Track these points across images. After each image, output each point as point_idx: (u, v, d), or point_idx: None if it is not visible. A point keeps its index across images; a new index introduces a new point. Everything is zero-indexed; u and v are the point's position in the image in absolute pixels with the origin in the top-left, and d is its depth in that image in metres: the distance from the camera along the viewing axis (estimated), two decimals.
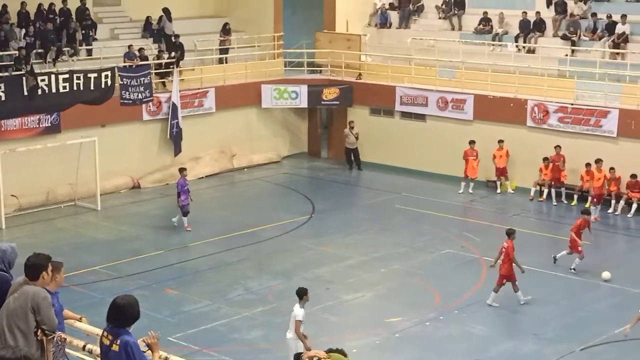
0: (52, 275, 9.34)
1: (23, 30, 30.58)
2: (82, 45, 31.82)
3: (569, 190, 29.50)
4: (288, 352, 16.49)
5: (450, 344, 19.01)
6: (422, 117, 33.33)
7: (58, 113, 29.00)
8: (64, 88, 28.97)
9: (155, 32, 34.05)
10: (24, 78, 28.06)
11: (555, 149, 29.48)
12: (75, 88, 29.26)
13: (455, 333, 19.51)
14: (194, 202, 27.02)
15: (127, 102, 30.75)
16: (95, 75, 29.76)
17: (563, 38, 33.10)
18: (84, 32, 32.00)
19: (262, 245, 25.52)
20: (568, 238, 23.23)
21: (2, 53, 29.51)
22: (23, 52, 28.84)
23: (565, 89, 30.28)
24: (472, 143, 30.85)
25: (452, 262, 24.05)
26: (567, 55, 32.15)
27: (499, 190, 30.91)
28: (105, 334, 8.63)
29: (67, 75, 29.11)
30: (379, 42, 37.37)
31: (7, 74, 28.21)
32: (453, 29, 36.43)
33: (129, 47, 31.86)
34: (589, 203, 28.33)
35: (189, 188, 26.70)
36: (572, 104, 29.90)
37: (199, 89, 33.16)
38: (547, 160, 29.62)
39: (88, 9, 32.84)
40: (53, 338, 9.19)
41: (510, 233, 21.30)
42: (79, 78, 29.33)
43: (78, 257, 23.81)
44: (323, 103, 35.19)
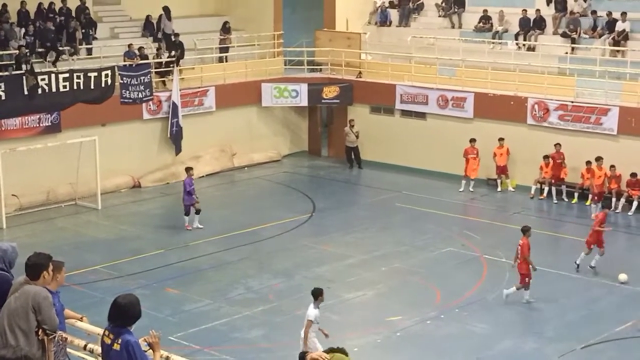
0: (53, 275, 9.34)
1: (23, 30, 30.57)
2: (82, 45, 31.80)
3: (570, 188, 29.49)
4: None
5: (451, 343, 19.00)
6: (422, 115, 33.31)
7: (58, 112, 28.99)
8: (64, 87, 28.98)
9: (155, 31, 34.05)
10: (24, 77, 28.06)
11: (556, 147, 29.47)
12: (76, 87, 29.27)
13: (456, 332, 19.50)
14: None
15: (127, 101, 30.75)
16: (96, 75, 29.77)
17: (563, 36, 33.09)
18: (84, 31, 31.98)
19: (262, 244, 25.51)
20: (569, 236, 23.14)
21: (2, 52, 29.49)
22: (24, 50, 28.81)
23: (566, 87, 30.26)
24: (472, 141, 30.83)
25: (452, 260, 24.04)
26: (567, 53, 32.14)
27: (500, 189, 30.90)
28: (107, 333, 8.63)
29: (67, 75, 29.12)
30: (379, 40, 37.36)
31: (7, 74, 28.20)
32: (453, 27, 36.42)
33: (129, 46, 31.84)
34: (590, 201, 28.35)
35: (194, 188, 26.61)
36: (572, 102, 29.88)
37: (199, 88, 33.14)
38: (547, 158, 29.62)
39: (88, 8, 32.83)
40: (54, 337, 9.19)
41: (525, 230, 21.00)
42: (79, 77, 29.34)
43: (79, 256, 23.80)
44: (323, 101, 35.17)
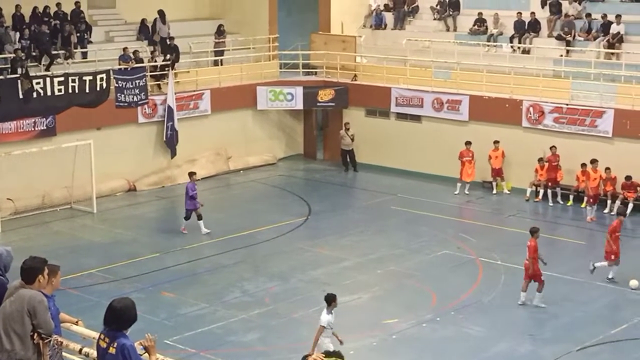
0: (48, 279, 9.34)
1: (18, 34, 30.53)
2: (77, 48, 31.77)
3: (565, 191, 29.53)
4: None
5: (447, 345, 19.00)
6: (417, 118, 33.34)
7: (53, 116, 28.96)
8: (59, 91, 28.94)
9: (150, 34, 34.04)
10: (19, 81, 28.04)
11: (551, 150, 29.50)
12: (71, 91, 29.23)
13: (452, 334, 19.50)
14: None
15: (122, 104, 30.73)
16: (91, 78, 29.75)
17: (558, 38, 33.14)
18: (79, 34, 31.96)
19: (258, 248, 25.50)
20: (564, 239, 23.14)
21: None
22: (20, 54, 28.77)
23: (561, 90, 30.29)
24: (468, 144, 30.85)
25: (448, 263, 24.05)
26: (562, 56, 32.17)
27: (495, 191, 30.91)
28: (102, 337, 8.63)
29: (62, 78, 29.09)
30: (374, 43, 37.37)
31: (2, 77, 28.16)
32: (448, 30, 36.46)
33: (124, 49, 31.80)
34: (585, 203, 28.37)
35: (197, 192, 26.44)
36: (567, 105, 29.92)
37: (195, 91, 33.13)
38: (542, 161, 29.65)
39: (83, 12, 32.82)
40: (49, 341, 9.19)
41: (534, 232, 20.85)
42: (74, 81, 29.32)
43: (74, 260, 23.77)
44: (318, 105, 35.17)
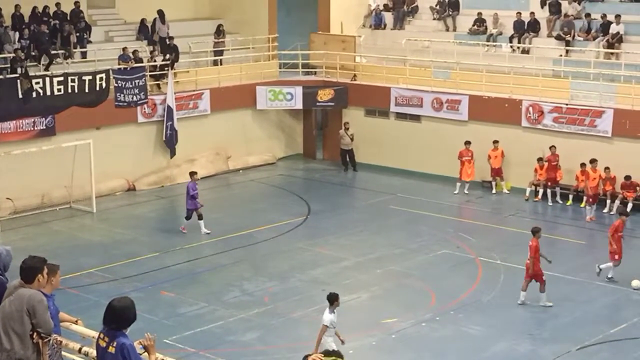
0: (47, 278, 9.34)
1: (17, 34, 30.53)
2: (76, 48, 31.78)
3: (564, 190, 29.53)
4: None
5: (446, 345, 19.01)
6: (417, 118, 33.34)
7: (53, 116, 28.96)
8: (59, 91, 28.93)
9: (150, 34, 34.06)
10: (19, 81, 28.03)
11: (551, 149, 29.51)
12: (70, 91, 29.22)
13: (451, 334, 19.51)
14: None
15: (121, 104, 30.73)
16: (90, 78, 29.74)
17: (557, 38, 33.15)
18: (78, 34, 31.96)
19: (257, 247, 25.51)
20: (564, 239, 23.12)
21: None
22: (20, 54, 28.78)
23: (560, 89, 30.30)
24: (467, 144, 30.86)
25: (447, 262, 24.06)
26: (561, 56, 32.19)
27: (494, 191, 30.92)
28: (102, 336, 8.64)
29: (61, 78, 29.08)
30: (374, 43, 37.38)
31: (1, 77, 28.16)
32: (447, 30, 36.46)
33: (124, 49, 31.80)
34: (584, 203, 28.38)
35: (198, 192, 26.42)
36: (566, 104, 29.92)
37: (194, 91, 33.13)
38: (541, 161, 29.66)
39: (82, 12, 32.83)
40: (49, 341, 9.19)
41: (535, 232, 20.80)
42: (74, 81, 29.30)
43: (74, 259, 23.77)
44: (318, 104, 35.17)
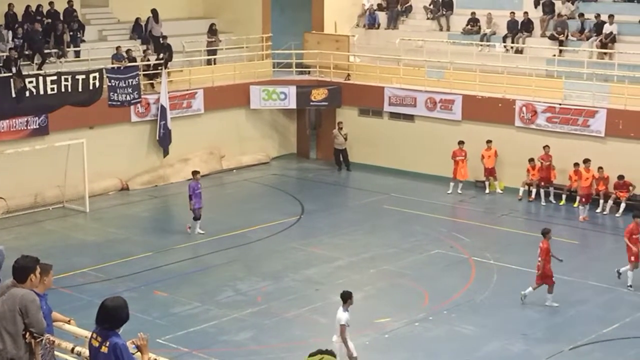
0: (40, 278, 9.34)
1: (10, 32, 30.45)
2: (69, 47, 31.73)
3: (558, 190, 29.57)
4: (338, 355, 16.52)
5: (440, 345, 19.02)
6: (410, 117, 33.35)
7: (46, 115, 28.89)
8: (52, 90, 28.86)
9: (144, 33, 34.02)
10: (12, 80, 27.97)
11: (544, 149, 29.54)
12: (63, 90, 29.15)
13: (445, 333, 19.52)
14: (184, 204, 26.98)
15: (115, 103, 30.68)
16: (83, 77, 29.67)
17: (551, 38, 33.19)
18: (72, 33, 31.91)
19: (251, 247, 25.49)
20: (557, 238, 23.08)
21: None
22: (13, 53, 28.71)
23: (553, 89, 30.34)
24: (461, 143, 30.88)
25: (441, 262, 24.06)
26: (555, 56, 32.23)
27: (488, 191, 30.94)
28: (95, 336, 8.63)
29: (55, 77, 29.00)
30: (368, 42, 37.38)
31: None
32: (441, 30, 36.48)
33: (117, 48, 31.77)
34: (577, 203, 28.42)
35: (200, 192, 26.39)
36: (560, 104, 29.96)
37: (188, 90, 33.09)
38: (532, 161, 29.68)
39: (76, 11, 32.77)
40: (42, 340, 9.19)
41: (545, 233, 20.75)
42: (67, 80, 29.23)
43: (67, 259, 23.73)
44: (312, 104, 35.15)
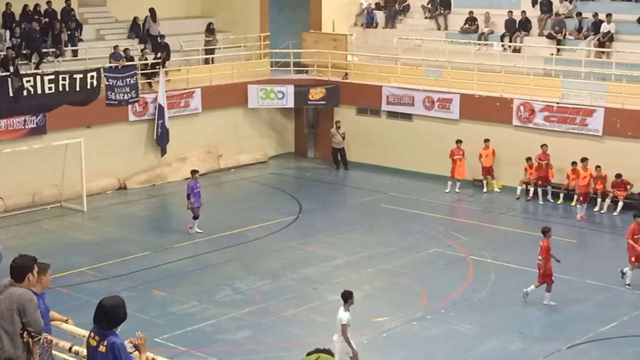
0: (38, 277, 9.33)
1: (8, 32, 30.44)
2: (67, 46, 31.72)
3: (555, 189, 29.59)
4: (339, 355, 16.56)
5: (437, 343, 19.02)
6: (408, 116, 33.35)
7: (44, 114, 28.87)
8: (50, 89, 28.82)
9: (142, 32, 34.02)
10: (10, 79, 27.95)
11: (542, 148, 29.55)
12: (61, 89, 29.10)
13: (442, 332, 19.53)
14: (181, 203, 27.00)
15: (113, 102, 30.64)
16: (81, 76, 29.62)
17: (549, 37, 33.20)
18: (70, 32, 31.91)
19: (249, 246, 25.49)
20: (554, 237, 23.01)
21: None
22: (11, 52, 28.68)
23: (551, 88, 30.35)
24: (458, 142, 30.88)
25: (439, 261, 24.07)
26: (552, 55, 32.26)
27: (485, 189, 30.95)
28: (92, 335, 8.62)
29: (52, 76, 28.97)
30: (365, 41, 37.39)
31: None
32: (439, 29, 36.49)
33: (115, 47, 31.76)
34: (575, 201, 28.43)
35: (199, 191, 26.37)
36: (557, 103, 29.98)
37: (185, 90, 33.08)
38: (530, 160, 29.68)
39: (73, 10, 32.77)
40: (39, 340, 9.18)
41: (546, 231, 20.80)
42: (65, 79, 29.17)
43: (64, 258, 23.72)
44: (309, 103, 35.16)
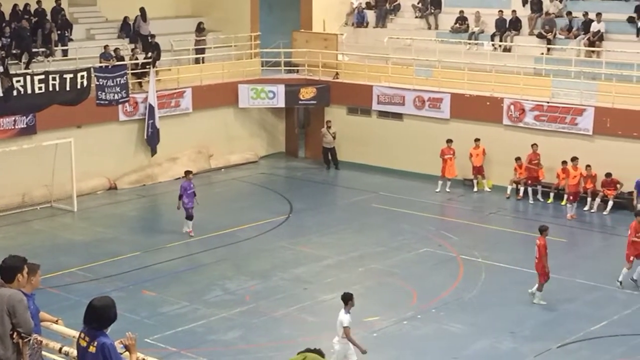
0: (27, 278, 9.31)
1: None
2: (57, 46, 31.65)
3: (545, 188, 29.64)
4: (337, 356, 16.57)
5: (428, 343, 19.05)
6: (399, 116, 33.38)
7: (34, 114, 28.79)
8: (40, 89, 28.76)
9: (132, 32, 33.97)
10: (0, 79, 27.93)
11: (532, 147, 29.59)
12: (51, 89, 29.07)
13: (433, 332, 19.55)
14: (172, 203, 26.97)
15: (103, 102, 30.60)
16: (71, 76, 29.59)
17: (539, 36, 33.27)
18: (60, 32, 31.83)
19: (239, 246, 25.48)
20: (549, 237, 22.98)
21: None
22: (1, 52, 28.61)
23: (541, 87, 30.42)
24: (449, 142, 30.91)
25: (429, 261, 24.10)
26: (543, 54, 32.34)
27: (476, 189, 30.99)
28: (82, 336, 8.61)
29: (42, 76, 28.91)
30: (356, 41, 37.42)
31: None
32: (429, 28, 36.53)
33: (105, 47, 31.71)
34: (565, 201, 28.50)
35: (193, 192, 26.28)
36: (548, 102, 30.04)
37: (176, 89, 33.04)
38: (519, 160, 29.73)
39: (63, 9, 32.69)
40: (29, 341, 9.16)
41: (543, 230, 20.82)
42: (55, 79, 29.14)
43: (54, 259, 23.68)
44: (300, 103, 35.16)
